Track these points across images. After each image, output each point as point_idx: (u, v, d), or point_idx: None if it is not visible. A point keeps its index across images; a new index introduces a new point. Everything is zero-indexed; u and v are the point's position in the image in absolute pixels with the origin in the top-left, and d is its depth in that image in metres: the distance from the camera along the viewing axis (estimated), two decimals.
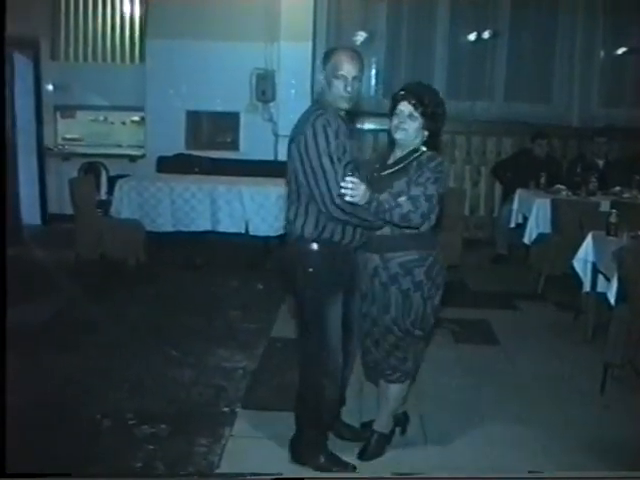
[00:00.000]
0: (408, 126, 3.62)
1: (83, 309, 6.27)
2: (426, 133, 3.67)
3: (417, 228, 3.56)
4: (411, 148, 3.68)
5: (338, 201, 3.39)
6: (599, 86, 9.86)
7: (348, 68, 3.55)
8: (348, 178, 3.33)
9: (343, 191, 3.32)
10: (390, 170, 3.69)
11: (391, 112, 3.70)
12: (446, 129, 9.54)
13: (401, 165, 3.66)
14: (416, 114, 3.61)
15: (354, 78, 3.55)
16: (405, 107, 3.62)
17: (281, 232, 6.55)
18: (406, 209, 3.46)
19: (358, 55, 3.63)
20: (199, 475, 3.71)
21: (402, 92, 3.68)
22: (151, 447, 3.94)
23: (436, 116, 3.67)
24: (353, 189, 3.31)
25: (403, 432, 4.15)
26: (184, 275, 7.55)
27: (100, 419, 4.23)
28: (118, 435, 4.09)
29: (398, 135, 3.65)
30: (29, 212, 9.54)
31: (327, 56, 3.64)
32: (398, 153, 3.72)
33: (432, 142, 3.75)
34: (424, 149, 3.68)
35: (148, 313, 6.28)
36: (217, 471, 3.72)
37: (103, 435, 4.09)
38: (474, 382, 5.03)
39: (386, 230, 3.60)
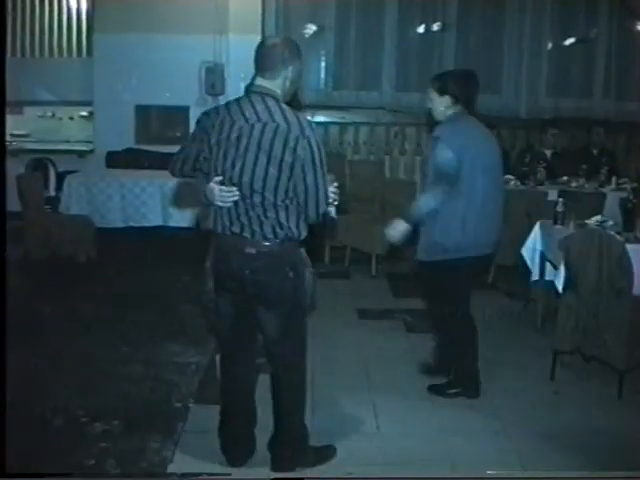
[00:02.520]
0: None
1: (33, 307, 6.19)
2: None
3: None
4: None
5: (325, 208, 3.48)
6: (547, 77, 9.96)
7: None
8: (335, 185, 3.50)
9: (332, 199, 3.48)
10: None
11: None
12: (396, 121, 9.72)
13: None
14: None
15: None
16: None
17: None
18: None
19: None
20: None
21: None
22: (104, 444, 3.92)
23: None
24: (335, 195, 3.49)
25: None
26: (135, 271, 7.47)
27: (51, 417, 4.20)
28: (70, 433, 4.07)
29: None
30: None
31: (299, 51, 3.55)
32: None
33: None
34: None
35: (99, 310, 6.22)
36: (170, 466, 3.72)
37: (54, 433, 4.06)
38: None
39: None
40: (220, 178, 3.38)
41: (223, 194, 3.37)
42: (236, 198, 3.37)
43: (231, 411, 3.74)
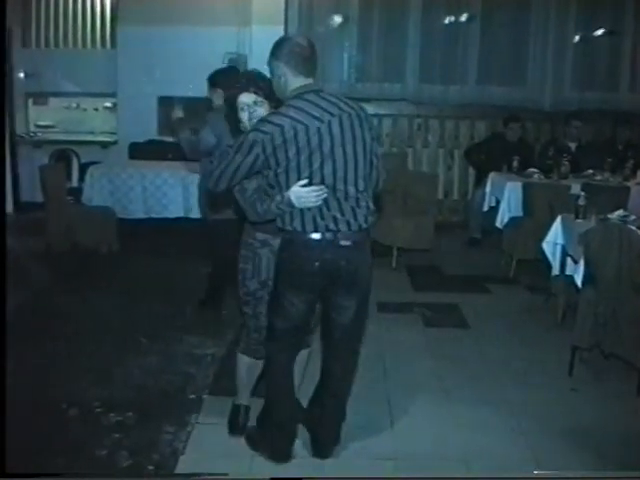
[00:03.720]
0: (259, 113, 3.62)
1: (53, 297, 6.23)
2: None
3: None
4: None
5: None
6: (572, 69, 9.86)
7: None
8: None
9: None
10: None
11: (232, 109, 3.71)
12: (419, 113, 9.69)
13: None
14: (260, 99, 3.64)
15: None
16: (247, 98, 3.65)
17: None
18: None
19: None
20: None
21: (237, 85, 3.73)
22: (117, 435, 3.93)
23: (268, 85, 3.67)
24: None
25: None
26: (155, 262, 7.48)
27: (66, 407, 4.22)
28: (84, 423, 4.08)
29: None
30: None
31: None
32: None
33: None
34: None
35: (119, 301, 6.24)
36: (181, 458, 3.72)
37: (68, 423, 4.08)
38: (443, 366, 5.04)
39: None
40: (305, 181, 3.37)
41: (313, 194, 3.38)
42: (325, 196, 3.40)
43: (284, 408, 3.73)
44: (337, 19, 9.59)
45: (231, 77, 5.22)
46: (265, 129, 3.36)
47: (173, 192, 7.86)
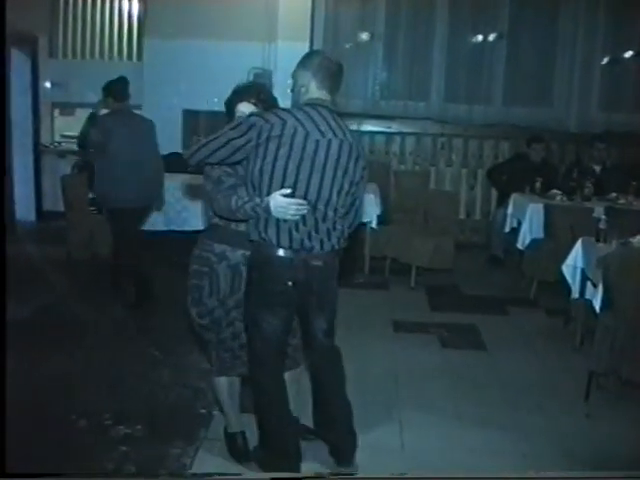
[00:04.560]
0: None
1: (69, 307, 6.24)
2: None
3: None
4: None
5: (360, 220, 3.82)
6: (598, 91, 9.78)
7: None
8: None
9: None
10: None
11: (230, 115, 3.71)
12: (443, 132, 9.63)
13: None
14: (258, 111, 3.60)
15: None
16: (245, 107, 3.64)
17: None
18: None
19: None
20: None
21: (235, 96, 3.72)
22: (124, 448, 3.91)
23: (270, 100, 3.71)
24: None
25: None
26: (172, 274, 7.45)
27: (76, 419, 4.21)
28: (93, 436, 4.07)
29: None
30: (23, 208, 9.51)
31: None
32: None
33: None
34: None
35: (135, 312, 6.24)
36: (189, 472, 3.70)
37: (77, 435, 4.07)
38: (457, 388, 4.98)
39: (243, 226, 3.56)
40: (289, 191, 3.32)
41: (292, 207, 3.31)
42: (305, 212, 3.35)
43: (282, 430, 3.65)
44: (363, 36, 9.59)
45: (121, 87, 6.46)
46: (267, 117, 3.37)
47: (193, 205, 7.86)
